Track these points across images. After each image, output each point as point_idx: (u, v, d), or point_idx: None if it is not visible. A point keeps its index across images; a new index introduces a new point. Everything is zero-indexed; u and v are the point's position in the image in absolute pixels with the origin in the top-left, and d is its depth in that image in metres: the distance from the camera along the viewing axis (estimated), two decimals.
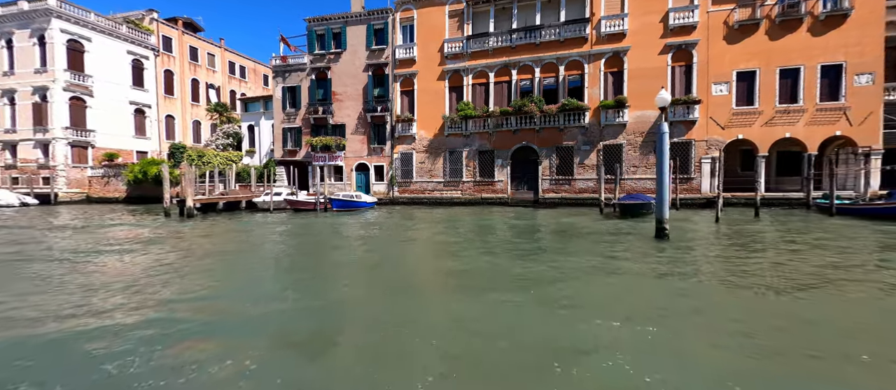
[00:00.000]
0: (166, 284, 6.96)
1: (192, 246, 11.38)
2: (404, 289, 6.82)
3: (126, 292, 6.50)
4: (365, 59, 26.55)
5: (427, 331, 4.72)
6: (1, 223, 17.46)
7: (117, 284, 7.03)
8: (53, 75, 29.64)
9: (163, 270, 8.06)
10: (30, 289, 6.73)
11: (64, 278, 7.56)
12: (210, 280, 7.53)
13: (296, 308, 5.85)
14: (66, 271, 8.17)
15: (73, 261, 9.25)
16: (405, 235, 13.32)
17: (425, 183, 25.77)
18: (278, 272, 8.58)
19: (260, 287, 7.19)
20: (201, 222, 17.42)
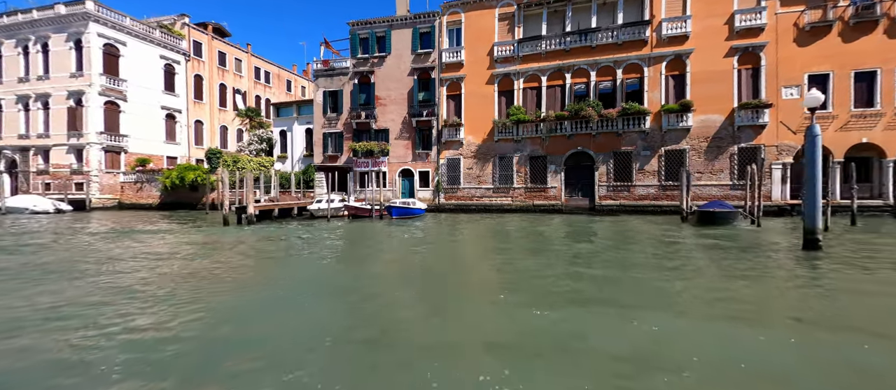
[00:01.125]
0: (370, 298, 6.21)
1: (309, 253, 10.65)
2: (546, 321, 6.05)
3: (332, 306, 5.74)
4: (410, 63, 26.02)
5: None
6: (53, 232, 16.77)
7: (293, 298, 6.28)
8: (90, 79, 29.23)
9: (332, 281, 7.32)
10: (217, 317, 5.96)
11: (226, 299, 6.82)
12: (380, 290, 6.78)
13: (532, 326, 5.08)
14: (209, 286, 7.43)
15: (210, 276, 8.51)
16: (486, 245, 12.54)
17: (473, 189, 25.05)
18: (431, 283, 7.81)
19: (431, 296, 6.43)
20: (267, 229, 16.66)
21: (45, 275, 8.24)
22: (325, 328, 5.11)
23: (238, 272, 8.59)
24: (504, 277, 8.12)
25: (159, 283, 7.44)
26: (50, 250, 11.58)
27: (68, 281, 7.78)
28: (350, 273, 8.84)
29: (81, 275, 8.30)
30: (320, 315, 5.78)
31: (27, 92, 30.74)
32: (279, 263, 9.87)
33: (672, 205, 21.10)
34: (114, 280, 7.86)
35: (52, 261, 9.93)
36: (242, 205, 18.57)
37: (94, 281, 7.82)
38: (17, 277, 8.13)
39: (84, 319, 5.41)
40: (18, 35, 30.82)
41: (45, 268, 9.04)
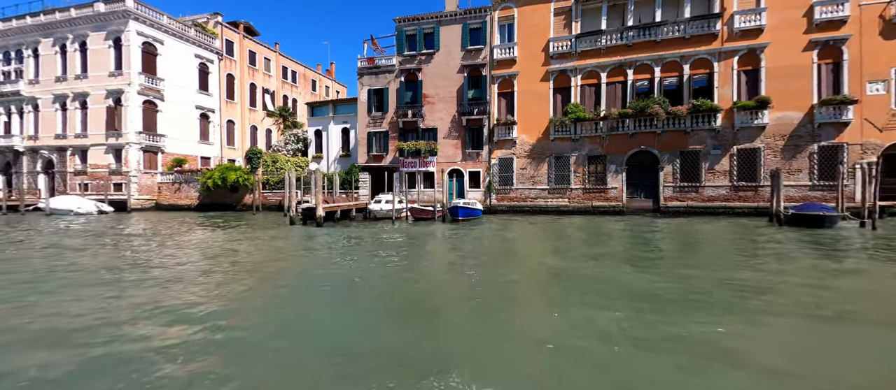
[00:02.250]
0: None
1: (435, 258, 9.87)
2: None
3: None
4: (459, 60, 25.24)
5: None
6: (117, 234, 16.14)
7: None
8: (129, 78, 28.77)
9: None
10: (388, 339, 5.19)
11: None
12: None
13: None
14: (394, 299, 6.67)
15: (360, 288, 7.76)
16: (586, 252, 11.69)
17: (527, 190, 24.19)
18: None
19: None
20: (340, 230, 15.88)
21: (178, 284, 7.52)
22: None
23: (387, 278, 7.82)
24: (664, 290, 7.25)
25: (319, 301, 6.69)
26: (142, 252, 10.90)
27: (214, 288, 7.06)
28: (500, 277, 8.04)
29: (207, 280, 7.58)
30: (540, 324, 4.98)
31: (65, 91, 30.36)
32: (431, 274, 9.09)
33: (746, 207, 20.12)
34: (273, 288, 7.12)
35: (163, 262, 9.24)
36: (310, 206, 17.72)
37: (241, 287, 7.08)
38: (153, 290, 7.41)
39: (293, 337, 4.66)
40: (55, 33, 30.47)
41: (166, 272, 8.34)
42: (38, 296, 6.80)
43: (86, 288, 7.35)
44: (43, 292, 7.06)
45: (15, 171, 31.88)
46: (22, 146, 31.27)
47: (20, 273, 8.64)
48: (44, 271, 8.81)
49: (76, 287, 7.42)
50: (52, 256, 10.71)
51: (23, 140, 31.39)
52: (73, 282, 7.86)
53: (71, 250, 11.77)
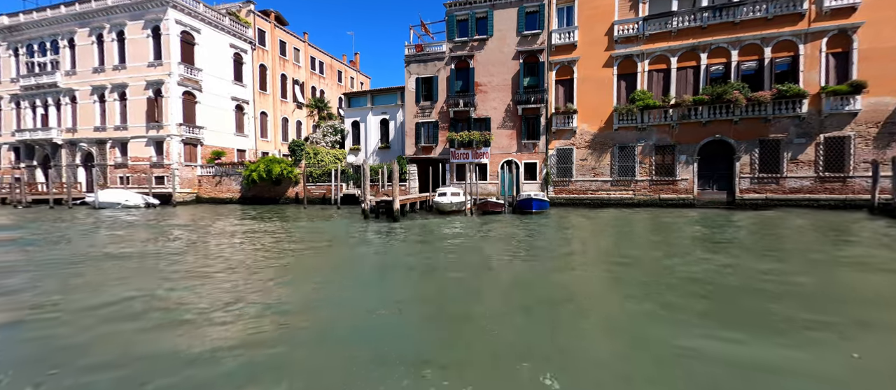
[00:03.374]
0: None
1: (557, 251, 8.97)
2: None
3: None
4: (515, 46, 24.08)
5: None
6: (196, 229, 15.47)
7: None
8: (169, 68, 28.08)
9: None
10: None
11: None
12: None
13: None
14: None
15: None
16: (702, 249, 10.66)
17: (587, 182, 23.14)
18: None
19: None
20: (423, 225, 15.00)
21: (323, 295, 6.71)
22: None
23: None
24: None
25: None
26: (247, 254, 10.14)
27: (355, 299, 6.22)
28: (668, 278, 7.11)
29: (352, 293, 6.75)
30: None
31: (103, 82, 29.80)
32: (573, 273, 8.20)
33: (832, 200, 18.87)
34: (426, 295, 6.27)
35: (293, 266, 8.46)
36: (386, 200, 16.82)
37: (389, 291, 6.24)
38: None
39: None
40: (92, 23, 29.83)
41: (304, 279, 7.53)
42: (167, 292, 6.05)
43: (224, 285, 6.59)
44: (173, 288, 6.31)
45: (54, 164, 31.56)
46: (60, 139, 30.88)
47: (140, 268, 7.93)
48: (159, 267, 8.10)
49: (201, 282, 6.66)
50: (151, 250, 10.02)
51: (61, 133, 31.00)
52: (196, 276, 7.11)
53: (160, 244, 11.08)
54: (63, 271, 8.13)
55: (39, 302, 6.11)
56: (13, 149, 33.22)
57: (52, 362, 4.07)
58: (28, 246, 11.43)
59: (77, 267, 8.55)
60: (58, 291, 6.70)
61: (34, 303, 6.07)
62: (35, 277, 7.67)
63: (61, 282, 7.30)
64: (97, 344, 4.56)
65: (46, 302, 6.10)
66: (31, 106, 32.33)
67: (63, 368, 3.92)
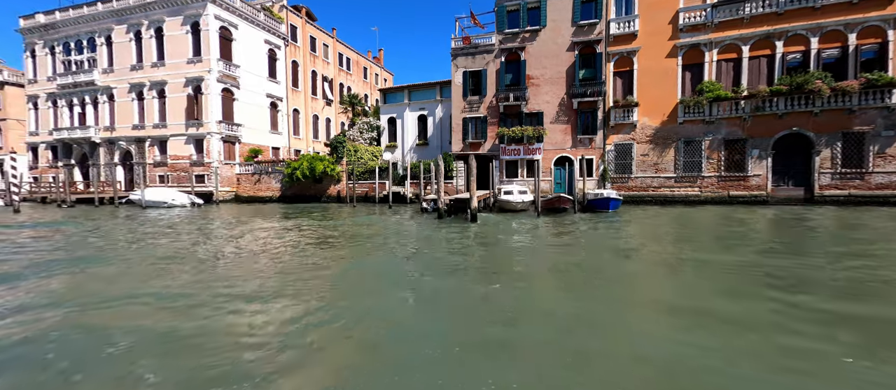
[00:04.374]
0: None
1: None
2: None
3: None
4: (569, 37, 23.06)
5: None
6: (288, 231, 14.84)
7: None
8: (208, 65, 27.62)
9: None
10: None
11: None
12: None
13: None
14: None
15: None
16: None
17: (649, 178, 22.10)
18: None
19: None
20: (502, 225, 14.16)
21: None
22: None
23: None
24: None
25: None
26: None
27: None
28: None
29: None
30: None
31: (141, 80, 29.48)
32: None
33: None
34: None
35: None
36: (461, 198, 16.00)
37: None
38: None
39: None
40: (130, 20, 29.49)
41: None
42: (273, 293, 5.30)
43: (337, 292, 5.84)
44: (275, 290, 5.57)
45: (92, 163, 31.39)
46: (98, 137, 30.67)
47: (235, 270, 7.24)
48: (257, 268, 7.40)
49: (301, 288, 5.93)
50: (236, 249, 9.37)
51: (98, 131, 30.79)
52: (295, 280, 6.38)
53: (239, 242, 10.43)
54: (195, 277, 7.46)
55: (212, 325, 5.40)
56: (50, 148, 33.16)
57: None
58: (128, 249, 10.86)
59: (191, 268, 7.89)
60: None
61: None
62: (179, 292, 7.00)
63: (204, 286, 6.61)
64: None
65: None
66: (68, 104, 32.19)
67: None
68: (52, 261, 9.05)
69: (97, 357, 4.18)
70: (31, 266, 8.52)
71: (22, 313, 5.54)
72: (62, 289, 6.82)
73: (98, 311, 5.63)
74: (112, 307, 5.78)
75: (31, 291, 6.67)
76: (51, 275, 7.77)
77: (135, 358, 4.12)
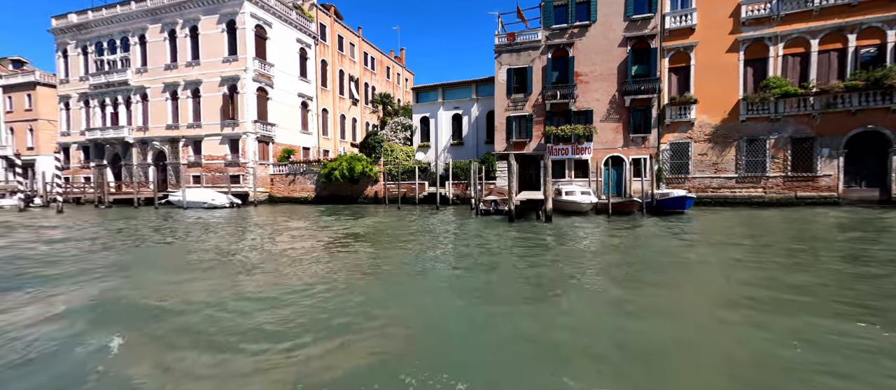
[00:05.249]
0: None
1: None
2: None
3: None
4: (621, 32, 22.22)
5: None
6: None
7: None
8: (244, 64, 27.19)
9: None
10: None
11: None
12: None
13: None
14: None
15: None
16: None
17: (707, 179, 21.16)
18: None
19: None
20: (582, 228, 13.41)
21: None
22: None
23: None
24: None
25: None
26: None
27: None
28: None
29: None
30: None
31: (175, 79, 29.17)
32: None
33: None
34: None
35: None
36: (532, 199, 15.24)
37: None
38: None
39: None
40: (164, 19, 29.20)
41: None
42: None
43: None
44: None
45: (124, 163, 31.16)
46: (131, 138, 30.41)
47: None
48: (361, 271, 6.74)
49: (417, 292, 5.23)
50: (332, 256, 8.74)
51: (131, 131, 30.53)
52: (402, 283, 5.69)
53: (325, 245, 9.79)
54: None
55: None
56: (82, 149, 33.01)
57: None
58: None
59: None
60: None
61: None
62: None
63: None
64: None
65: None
66: (101, 104, 32.00)
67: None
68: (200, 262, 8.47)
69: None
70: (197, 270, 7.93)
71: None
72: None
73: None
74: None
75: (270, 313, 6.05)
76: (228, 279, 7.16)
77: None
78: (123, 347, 4.41)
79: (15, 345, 4.49)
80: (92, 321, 5.24)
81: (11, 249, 10.75)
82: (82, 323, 5.16)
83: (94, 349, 4.37)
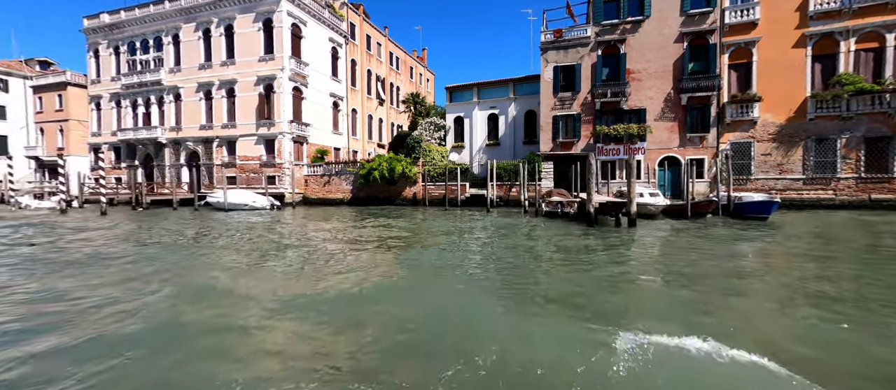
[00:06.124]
0: None
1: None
2: None
3: None
4: (677, 27, 21.37)
5: None
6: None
7: None
8: (281, 63, 26.70)
9: None
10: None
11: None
12: None
13: None
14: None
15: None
16: None
17: (772, 180, 20.19)
18: None
19: None
20: (678, 232, 12.61)
21: None
22: None
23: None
24: None
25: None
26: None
27: None
28: None
29: None
30: None
31: (210, 79, 28.78)
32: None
33: None
34: None
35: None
36: (617, 202, 14.42)
37: None
38: None
39: None
40: (199, 18, 28.84)
41: None
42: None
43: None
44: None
45: (156, 164, 30.85)
46: (164, 138, 30.07)
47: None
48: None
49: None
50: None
51: (164, 131, 30.20)
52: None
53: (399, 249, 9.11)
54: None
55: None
56: (113, 149, 32.78)
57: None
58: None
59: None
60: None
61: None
62: None
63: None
64: None
65: None
66: (132, 104, 31.74)
67: None
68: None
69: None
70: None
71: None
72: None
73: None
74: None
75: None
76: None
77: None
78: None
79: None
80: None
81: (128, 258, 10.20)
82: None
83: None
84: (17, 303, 6.07)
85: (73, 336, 4.67)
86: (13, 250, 10.70)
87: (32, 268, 8.47)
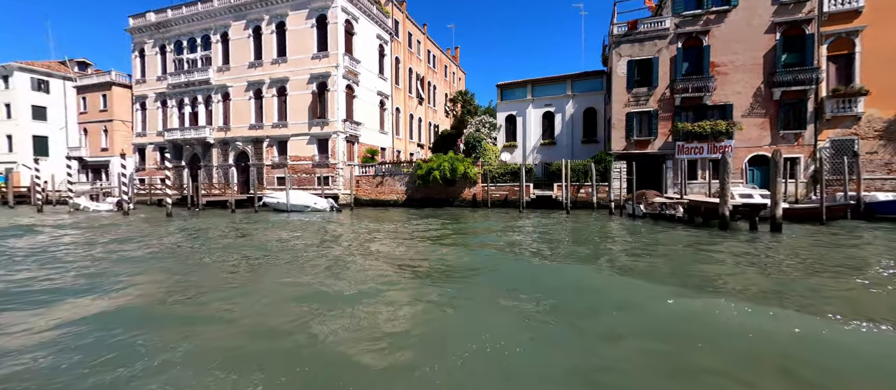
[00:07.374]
0: None
1: None
2: None
3: None
4: (769, 17, 19.93)
5: None
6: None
7: None
8: (335, 60, 25.92)
9: None
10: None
11: None
12: None
13: None
14: None
15: None
16: None
17: (879, 180, 18.62)
18: None
19: None
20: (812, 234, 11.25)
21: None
22: None
23: None
24: None
25: None
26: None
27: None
28: None
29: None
30: None
31: (260, 77, 28.15)
32: None
33: None
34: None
35: None
36: (752, 203, 13.08)
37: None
38: None
39: None
40: (249, 15, 28.23)
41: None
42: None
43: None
44: None
45: (204, 164, 30.34)
46: (212, 138, 29.54)
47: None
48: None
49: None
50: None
51: (212, 131, 29.67)
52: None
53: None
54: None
55: None
56: (158, 149, 32.43)
57: None
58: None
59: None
60: None
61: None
62: None
63: None
64: None
65: None
66: (179, 104, 31.34)
67: None
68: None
69: None
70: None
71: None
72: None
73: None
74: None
75: None
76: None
77: None
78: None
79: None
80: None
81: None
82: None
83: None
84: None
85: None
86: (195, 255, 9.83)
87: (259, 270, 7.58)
